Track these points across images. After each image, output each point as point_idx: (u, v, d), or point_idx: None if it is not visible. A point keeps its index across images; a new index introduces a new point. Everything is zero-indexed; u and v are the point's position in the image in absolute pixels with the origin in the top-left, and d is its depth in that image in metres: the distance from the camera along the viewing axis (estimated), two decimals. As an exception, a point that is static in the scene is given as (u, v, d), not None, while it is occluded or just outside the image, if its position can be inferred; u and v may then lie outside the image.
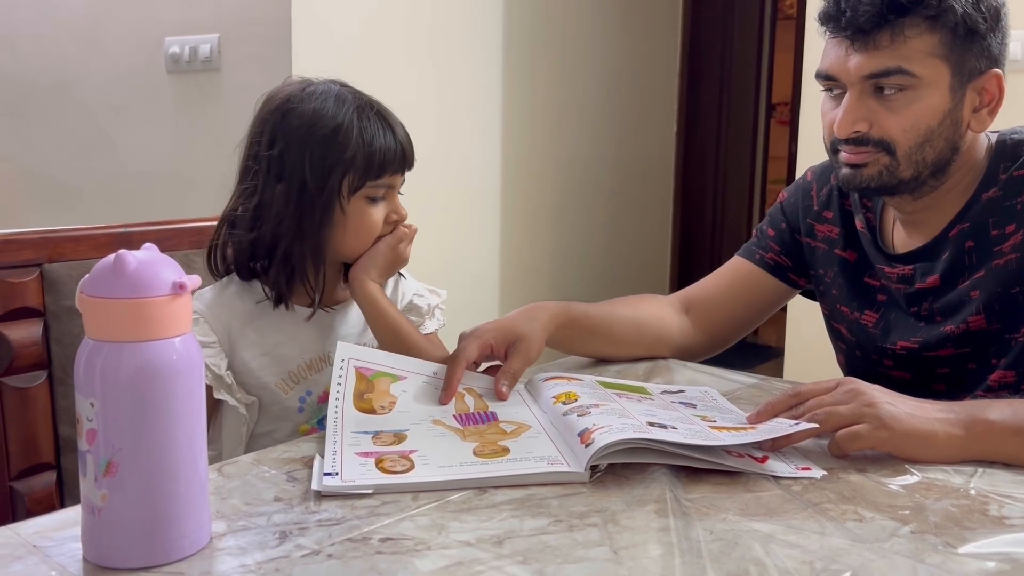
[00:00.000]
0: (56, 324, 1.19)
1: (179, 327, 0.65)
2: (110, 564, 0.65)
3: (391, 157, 1.09)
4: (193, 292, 0.67)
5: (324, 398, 1.10)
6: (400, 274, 1.20)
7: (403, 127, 1.14)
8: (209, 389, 1.05)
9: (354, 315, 1.15)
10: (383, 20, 2.56)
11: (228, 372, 1.06)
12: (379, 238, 1.10)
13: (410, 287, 1.23)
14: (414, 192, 2.96)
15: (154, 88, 2.60)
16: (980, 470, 0.85)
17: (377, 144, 1.07)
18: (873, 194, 1.11)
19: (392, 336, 1.09)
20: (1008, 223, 1.04)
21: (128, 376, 0.63)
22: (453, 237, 2.88)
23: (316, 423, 1.12)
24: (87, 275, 0.66)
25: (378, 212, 1.10)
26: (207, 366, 1.02)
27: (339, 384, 0.97)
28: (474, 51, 2.89)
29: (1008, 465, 0.86)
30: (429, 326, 1.20)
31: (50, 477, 1.19)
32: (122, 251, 0.64)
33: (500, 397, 1.02)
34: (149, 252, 0.66)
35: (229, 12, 2.44)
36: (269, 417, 1.11)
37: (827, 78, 1.06)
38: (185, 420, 0.66)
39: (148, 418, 0.64)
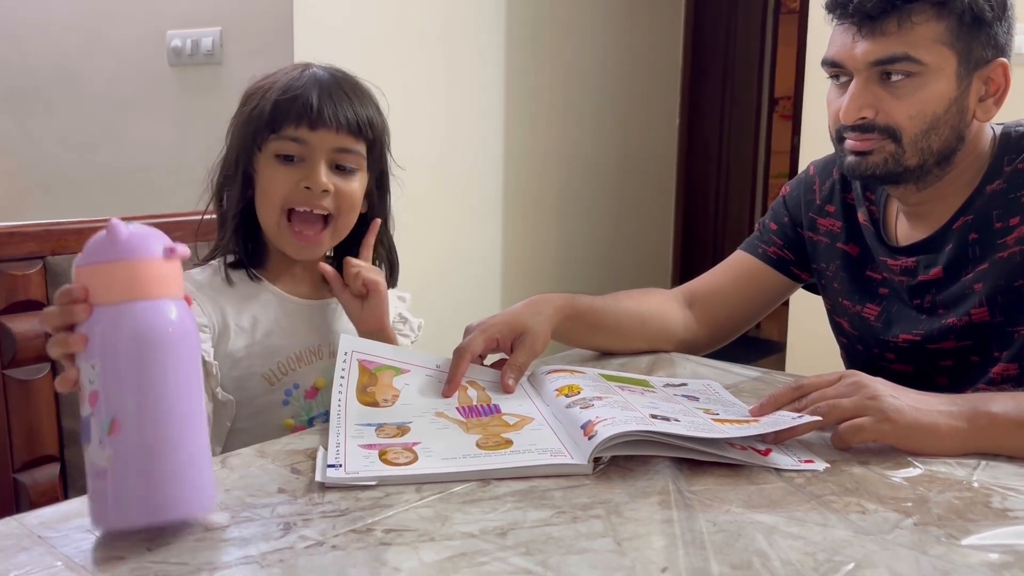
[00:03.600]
0: (59, 317, 1.19)
1: (173, 290, 0.67)
2: (119, 526, 0.66)
3: (295, 108, 1.00)
4: (184, 263, 0.70)
5: (311, 393, 1.09)
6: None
7: (363, 94, 1.06)
8: None
9: (339, 310, 1.14)
10: (385, 14, 2.56)
11: (215, 362, 1.03)
12: (289, 217, 1.04)
13: (391, 296, 1.19)
14: (417, 186, 2.96)
15: (156, 81, 2.60)
16: (983, 463, 0.85)
17: (286, 96, 1.01)
18: (878, 182, 1.11)
19: None
20: (1012, 215, 1.04)
21: (127, 335, 0.65)
22: (456, 231, 2.88)
23: (306, 422, 1.09)
24: (79, 254, 0.67)
25: (281, 174, 1.02)
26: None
27: (342, 377, 0.97)
28: (477, 45, 2.88)
29: (1011, 458, 0.86)
30: (404, 341, 1.18)
31: (53, 469, 1.19)
32: (114, 219, 0.66)
33: (507, 390, 1.02)
34: (139, 224, 0.68)
35: (231, 5, 2.44)
36: (248, 412, 1.07)
37: (833, 65, 1.06)
38: (184, 376, 0.67)
39: (147, 375, 0.65)
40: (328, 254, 1.14)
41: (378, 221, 1.09)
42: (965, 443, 0.86)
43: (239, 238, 1.08)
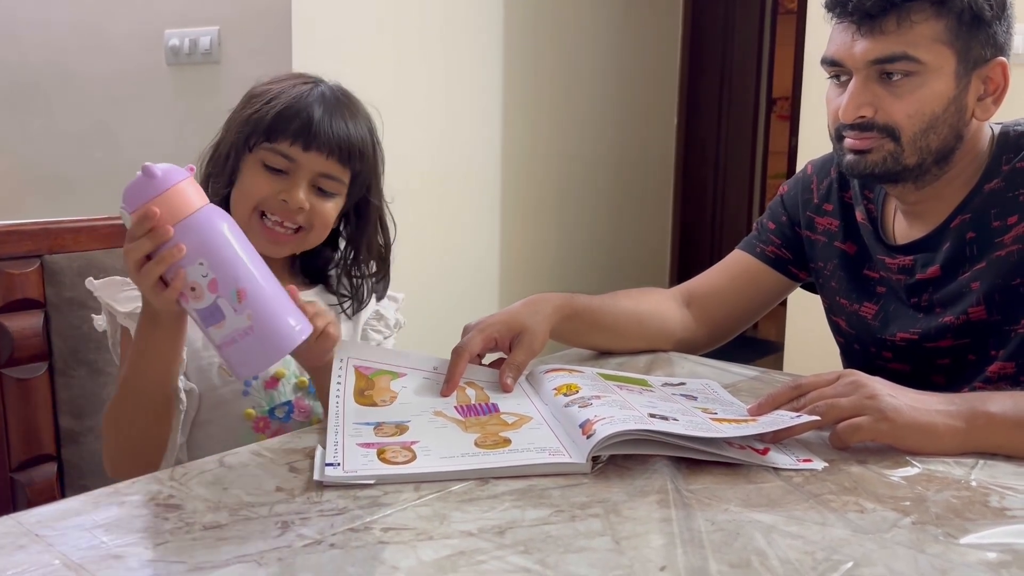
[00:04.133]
0: (56, 315, 1.19)
1: (206, 197, 0.88)
2: (278, 355, 0.88)
3: (294, 126, 1.02)
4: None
5: (271, 383, 1.09)
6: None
7: (361, 124, 1.08)
8: None
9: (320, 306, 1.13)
10: (383, 14, 2.56)
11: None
12: (262, 216, 1.05)
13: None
14: (416, 185, 2.95)
15: (154, 80, 2.59)
16: (981, 462, 0.85)
17: (288, 111, 1.03)
18: (877, 181, 1.11)
19: None
20: (1010, 214, 1.04)
21: (218, 229, 0.86)
22: (454, 230, 2.88)
23: (266, 412, 1.09)
24: (124, 202, 0.86)
25: (263, 180, 1.04)
26: None
27: (339, 383, 0.97)
28: (475, 44, 2.88)
29: (1009, 457, 0.86)
30: (388, 343, 1.17)
31: (51, 468, 1.19)
32: (146, 164, 0.85)
33: (505, 389, 1.02)
34: (161, 164, 0.86)
35: (229, 5, 2.44)
36: (209, 404, 1.07)
37: (833, 63, 1.06)
38: (251, 248, 0.88)
39: (243, 249, 0.86)
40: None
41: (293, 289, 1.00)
42: (963, 442, 0.86)
43: None
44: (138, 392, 0.96)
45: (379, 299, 1.18)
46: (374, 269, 1.16)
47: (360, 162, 1.07)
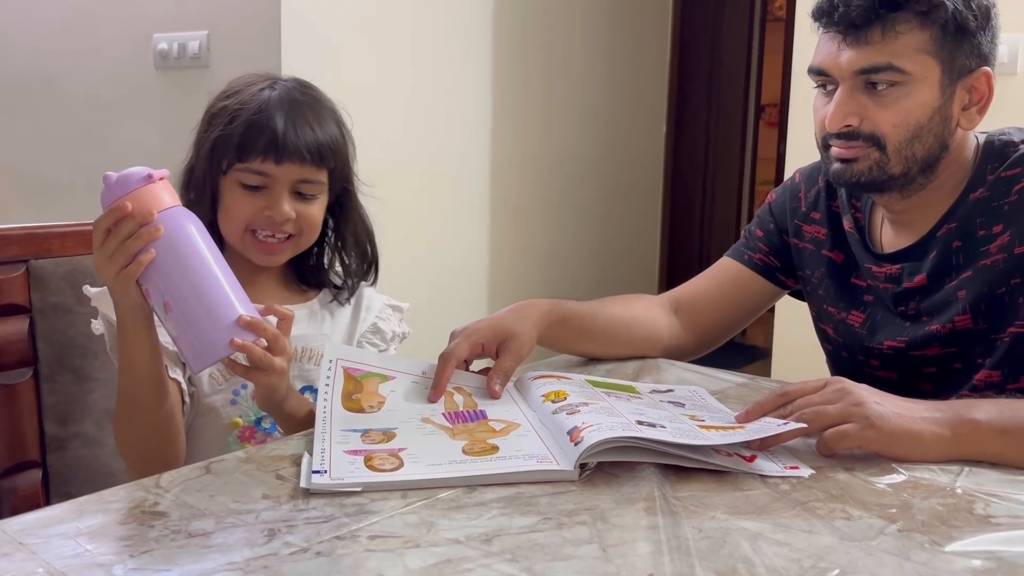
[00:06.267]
0: (42, 321, 1.18)
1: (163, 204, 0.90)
2: (200, 368, 0.91)
3: (262, 143, 1.03)
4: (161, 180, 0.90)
5: None
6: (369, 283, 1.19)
7: (327, 121, 1.08)
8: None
9: (305, 315, 1.14)
10: (372, 17, 2.56)
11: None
12: (253, 232, 1.06)
13: (376, 302, 1.20)
14: (403, 190, 2.95)
15: (142, 84, 2.58)
16: (966, 469, 0.85)
17: (253, 128, 1.03)
18: (863, 190, 1.12)
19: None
20: (995, 223, 1.05)
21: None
22: (442, 235, 2.88)
23: (253, 422, 1.09)
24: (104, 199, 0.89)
25: (245, 201, 1.05)
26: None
27: (327, 385, 0.96)
28: (463, 49, 2.89)
29: (994, 464, 0.86)
30: (372, 350, 1.17)
31: (35, 475, 1.18)
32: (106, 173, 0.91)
33: (493, 396, 1.02)
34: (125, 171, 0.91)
35: (218, 8, 2.43)
36: (198, 411, 1.09)
37: (819, 73, 1.07)
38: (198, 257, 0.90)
39: (176, 263, 0.89)
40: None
41: (291, 316, 1.00)
42: (949, 450, 0.87)
43: None
44: (135, 398, 0.97)
45: (374, 284, 1.20)
46: (366, 253, 1.18)
47: (335, 159, 1.08)
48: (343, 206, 1.15)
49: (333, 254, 1.17)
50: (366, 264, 1.18)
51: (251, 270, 1.10)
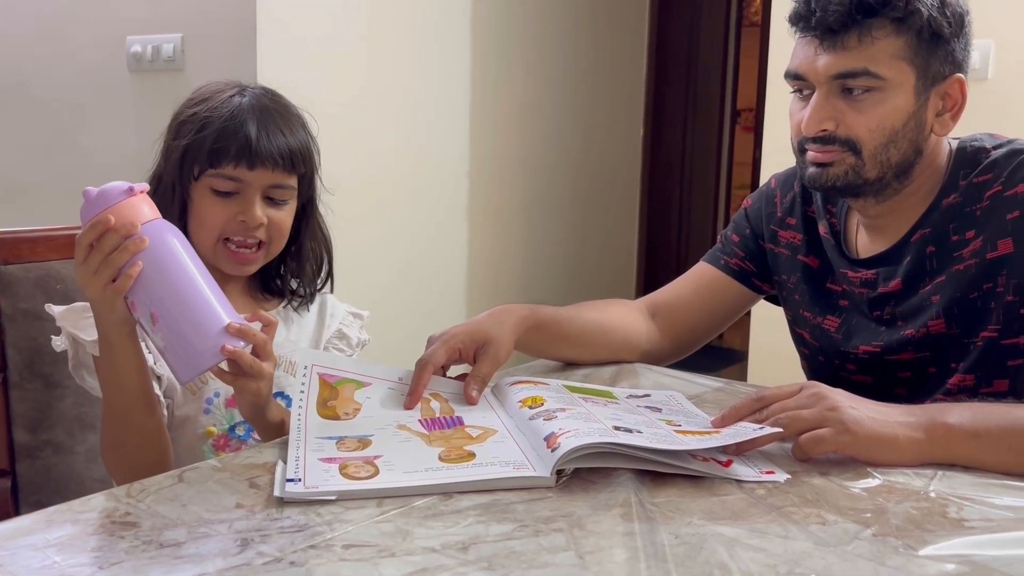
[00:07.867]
0: (12, 327, 1.16)
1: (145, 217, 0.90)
2: (188, 378, 0.91)
3: (234, 149, 1.03)
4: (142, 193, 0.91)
5: (232, 401, 1.08)
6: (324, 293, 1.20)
7: (296, 127, 1.09)
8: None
9: (281, 325, 1.13)
10: (348, 20, 2.55)
11: (158, 364, 1.04)
12: (225, 242, 1.07)
13: (339, 309, 1.22)
14: (381, 194, 2.93)
15: (116, 87, 2.56)
16: (940, 473, 0.86)
17: (225, 134, 1.04)
18: (838, 194, 1.12)
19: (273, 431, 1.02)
20: (968, 229, 1.06)
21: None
22: (420, 239, 2.87)
23: (227, 430, 1.09)
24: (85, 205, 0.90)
25: (217, 207, 1.05)
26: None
27: (302, 392, 0.96)
28: (440, 52, 2.88)
29: (967, 468, 0.87)
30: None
31: (4, 484, 1.16)
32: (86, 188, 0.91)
33: (470, 401, 1.01)
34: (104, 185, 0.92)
35: (193, 11, 2.41)
36: (172, 423, 1.08)
37: (796, 77, 1.07)
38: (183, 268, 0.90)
39: (162, 274, 0.89)
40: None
41: (276, 322, 1.00)
42: (923, 454, 0.87)
43: None
44: (126, 413, 0.96)
45: (331, 291, 1.21)
46: (323, 260, 1.19)
47: (304, 164, 1.10)
48: (307, 213, 1.16)
49: (292, 262, 1.17)
50: (323, 271, 1.19)
51: (220, 279, 1.08)
